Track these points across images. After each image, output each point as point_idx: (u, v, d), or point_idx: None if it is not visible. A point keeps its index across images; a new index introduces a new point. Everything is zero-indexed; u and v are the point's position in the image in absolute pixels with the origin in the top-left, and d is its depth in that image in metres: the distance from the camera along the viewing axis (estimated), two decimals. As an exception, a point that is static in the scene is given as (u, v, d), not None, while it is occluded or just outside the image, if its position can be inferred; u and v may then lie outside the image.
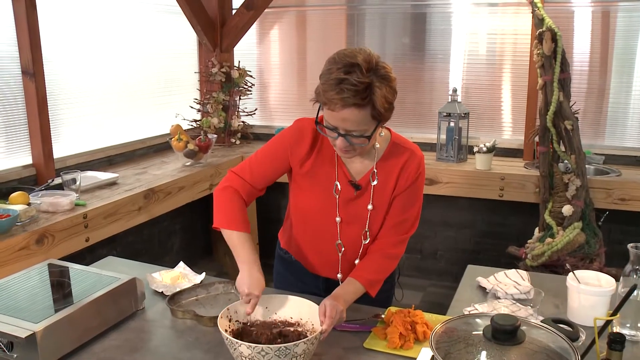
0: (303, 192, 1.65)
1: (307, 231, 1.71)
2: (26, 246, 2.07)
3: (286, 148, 1.61)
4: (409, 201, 1.61)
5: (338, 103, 1.37)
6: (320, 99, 1.44)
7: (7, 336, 1.29)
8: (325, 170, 1.61)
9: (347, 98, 1.36)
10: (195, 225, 4.16)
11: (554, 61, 2.78)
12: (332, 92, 1.37)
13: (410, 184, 1.59)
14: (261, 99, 4.31)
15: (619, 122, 3.45)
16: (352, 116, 1.39)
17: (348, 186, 1.60)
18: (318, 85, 1.44)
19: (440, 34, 3.73)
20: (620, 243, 3.39)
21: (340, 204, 1.61)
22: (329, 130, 1.46)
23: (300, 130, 1.61)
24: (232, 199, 1.60)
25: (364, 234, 1.63)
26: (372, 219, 1.62)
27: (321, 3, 4.01)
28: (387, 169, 1.60)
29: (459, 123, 3.34)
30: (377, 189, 1.60)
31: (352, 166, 1.61)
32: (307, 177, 1.62)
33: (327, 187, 1.61)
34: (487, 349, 0.97)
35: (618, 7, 3.31)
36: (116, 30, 3.36)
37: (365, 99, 1.37)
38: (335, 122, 1.42)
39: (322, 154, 1.61)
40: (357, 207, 1.61)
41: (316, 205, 1.63)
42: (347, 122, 1.40)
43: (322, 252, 1.69)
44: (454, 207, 3.80)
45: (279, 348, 1.18)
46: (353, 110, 1.38)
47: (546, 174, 2.89)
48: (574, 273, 1.59)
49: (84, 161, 3.09)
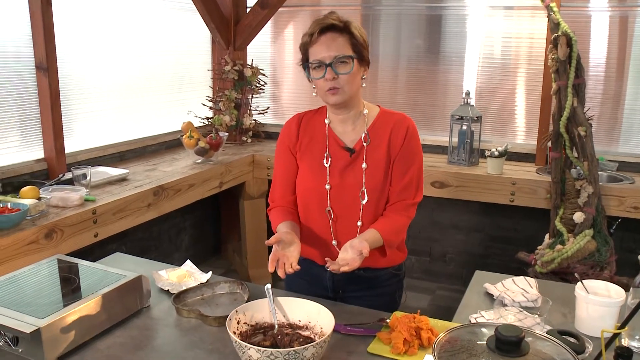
0: (302, 172, 1.76)
1: (302, 207, 1.77)
2: (35, 240, 2.09)
3: (286, 146, 1.78)
4: (406, 162, 1.69)
5: (316, 30, 1.58)
6: (303, 50, 1.64)
7: (12, 331, 1.30)
8: (317, 146, 1.73)
9: (326, 23, 1.58)
10: (205, 223, 4.18)
11: (569, 66, 2.75)
12: (315, 25, 1.60)
13: (402, 142, 1.68)
14: (274, 98, 4.31)
15: (634, 128, 3.40)
16: (333, 41, 1.58)
17: (342, 152, 1.70)
18: (299, 46, 1.65)
19: (454, 37, 3.71)
20: (632, 252, 3.36)
21: (333, 173, 1.70)
22: (316, 69, 1.60)
23: (287, 126, 1.80)
24: (273, 214, 1.79)
25: (361, 194, 1.68)
26: (367, 178, 1.68)
27: (337, 3, 4.00)
28: (379, 132, 1.70)
29: (472, 126, 3.31)
30: (369, 150, 1.69)
31: (345, 136, 1.72)
32: (304, 157, 1.75)
33: (319, 159, 1.72)
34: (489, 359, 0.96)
35: (637, 12, 3.27)
36: (129, 27, 3.38)
37: (343, 27, 1.59)
38: (319, 53, 1.58)
39: (310, 132, 1.75)
40: (353, 170, 1.70)
41: (309, 178, 1.73)
42: (330, 48, 1.57)
43: (315, 222, 1.74)
44: (464, 210, 3.78)
45: (289, 352, 1.18)
46: (333, 35, 1.58)
47: (558, 180, 2.86)
48: (582, 282, 1.56)
49: (96, 156, 3.11)
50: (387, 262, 1.78)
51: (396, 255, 1.79)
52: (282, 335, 1.38)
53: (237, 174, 3.49)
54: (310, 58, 1.61)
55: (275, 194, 1.81)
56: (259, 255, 3.94)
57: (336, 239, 1.73)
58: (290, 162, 1.77)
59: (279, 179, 1.80)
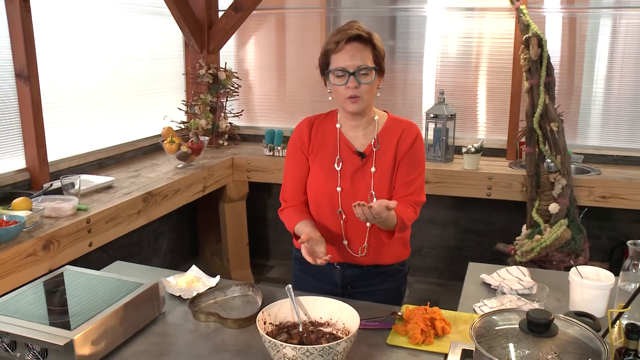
0: (313, 174, 1.82)
1: (313, 207, 1.83)
2: (33, 253, 2.06)
3: (298, 148, 1.84)
4: (412, 164, 1.78)
5: (344, 39, 1.64)
6: (325, 56, 1.69)
7: (42, 343, 1.30)
8: (329, 149, 1.80)
9: (352, 33, 1.65)
10: (182, 227, 4.16)
11: (540, 66, 2.90)
12: (341, 33, 1.66)
13: (409, 146, 1.77)
14: (245, 101, 4.33)
15: (591, 122, 3.59)
16: (359, 52, 1.65)
17: (354, 156, 1.78)
18: (322, 51, 1.72)
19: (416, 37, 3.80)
20: (597, 238, 3.57)
21: (344, 176, 1.78)
22: (339, 76, 1.67)
23: (299, 128, 1.86)
24: (287, 214, 1.86)
25: (370, 196, 1.76)
26: (376, 181, 1.77)
27: (300, 5, 4.05)
28: (388, 138, 1.79)
29: (446, 124, 3.44)
30: (379, 155, 1.77)
31: (355, 140, 1.80)
32: (316, 160, 1.82)
33: (330, 163, 1.79)
34: (524, 340, 1.05)
35: (586, 14, 3.46)
36: (101, 32, 3.33)
37: (367, 38, 1.67)
38: (344, 61, 1.65)
39: (321, 136, 1.81)
40: (363, 174, 1.77)
41: (321, 180, 1.80)
42: (355, 58, 1.64)
43: (326, 222, 1.81)
44: (439, 205, 3.91)
45: (323, 348, 1.23)
46: (359, 45, 1.65)
47: (533, 174, 3.02)
48: (577, 268, 1.69)
49: (76, 164, 3.07)
50: (393, 258, 1.86)
51: (401, 251, 1.88)
52: (308, 333, 1.43)
53: (218, 177, 3.50)
54: (333, 65, 1.68)
55: (286, 194, 1.87)
56: (240, 257, 3.97)
57: (347, 238, 1.80)
58: (302, 164, 1.83)
59: (291, 180, 1.86)
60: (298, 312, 1.48)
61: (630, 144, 3.53)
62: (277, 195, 4.35)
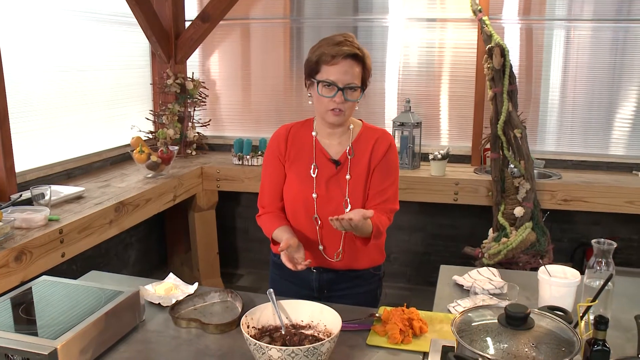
0: (289, 181, 1.86)
1: (290, 214, 1.87)
2: (5, 264, 2.02)
3: (275, 155, 1.88)
4: (385, 172, 1.83)
5: (340, 55, 1.67)
6: (317, 64, 1.70)
7: (24, 353, 1.29)
8: (305, 157, 1.84)
9: (348, 50, 1.68)
10: (151, 237, 4.12)
11: (503, 74, 3.02)
12: (335, 47, 1.68)
13: (383, 155, 1.82)
14: (212, 110, 4.33)
15: (549, 129, 3.74)
16: (351, 69, 1.69)
17: (329, 164, 1.83)
18: (308, 57, 1.73)
19: (379, 47, 3.87)
20: (559, 240, 3.71)
21: (320, 183, 1.82)
22: (327, 88, 1.70)
23: (276, 136, 1.90)
24: (265, 220, 1.90)
25: (345, 202, 1.80)
26: (351, 188, 1.81)
27: (265, 15, 4.08)
28: (362, 146, 1.84)
29: (413, 132, 3.52)
30: (353, 162, 1.83)
31: (331, 148, 1.84)
32: (293, 167, 1.85)
33: (306, 170, 1.83)
34: (503, 333, 1.11)
35: (542, 24, 3.61)
36: (69, 42, 3.29)
37: (360, 56, 1.71)
38: (336, 75, 1.68)
39: (298, 143, 1.85)
40: (338, 181, 1.82)
41: (297, 187, 1.84)
42: (347, 74, 1.68)
43: (303, 228, 1.85)
44: (405, 211, 3.98)
45: (308, 349, 1.27)
46: (352, 63, 1.69)
47: (498, 179, 3.12)
48: (545, 267, 1.77)
49: (43, 175, 3.01)
50: (368, 263, 1.92)
51: (376, 256, 1.94)
52: (291, 336, 1.46)
53: (188, 186, 3.49)
54: (323, 75, 1.71)
55: (264, 200, 1.91)
56: (210, 266, 3.95)
57: (322, 244, 1.84)
58: (279, 170, 1.87)
59: (268, 186, 1.90)
60: (280, 315, 1.51)
61: (585, 149, 3.68)
62: (246, 204, 4.35)
